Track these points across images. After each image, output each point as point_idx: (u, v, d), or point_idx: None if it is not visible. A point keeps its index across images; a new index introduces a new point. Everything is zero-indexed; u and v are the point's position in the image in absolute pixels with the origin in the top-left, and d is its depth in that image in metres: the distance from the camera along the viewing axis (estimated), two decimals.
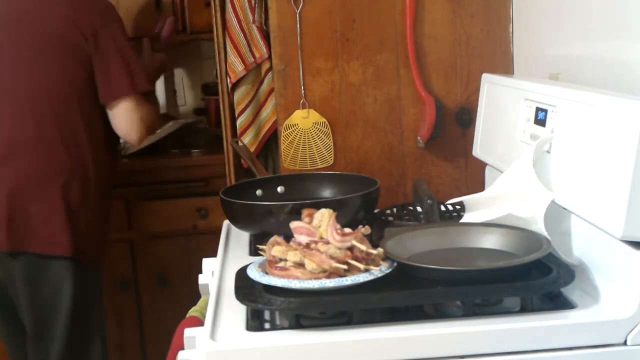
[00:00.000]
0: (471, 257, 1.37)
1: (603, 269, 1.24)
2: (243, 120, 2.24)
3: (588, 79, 1.54)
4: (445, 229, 1.45)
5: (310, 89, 1.98)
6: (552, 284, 1.21)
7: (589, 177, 1.25)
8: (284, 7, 1.95)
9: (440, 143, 2.00)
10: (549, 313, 1.20)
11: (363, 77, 1.98)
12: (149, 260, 2.90)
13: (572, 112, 1.33)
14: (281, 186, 1.85)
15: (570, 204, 1.32)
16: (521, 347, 1.15)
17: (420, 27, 1.97)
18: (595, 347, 1.15)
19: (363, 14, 1.96)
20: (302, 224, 1.31)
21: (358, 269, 1.22)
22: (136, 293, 2.96)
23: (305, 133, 1.99)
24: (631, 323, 1.15)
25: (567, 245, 1.34)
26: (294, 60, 1.97)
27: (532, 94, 1.51)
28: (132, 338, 2.99)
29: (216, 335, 1.18)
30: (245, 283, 1.27)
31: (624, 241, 1.17)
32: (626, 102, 1.16)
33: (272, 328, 1.24)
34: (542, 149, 1.40)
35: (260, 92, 2.25)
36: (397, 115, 2.00)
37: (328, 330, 1.18)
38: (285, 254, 1.24)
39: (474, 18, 1.97)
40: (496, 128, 1.69)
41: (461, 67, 1.99)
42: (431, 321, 1.19)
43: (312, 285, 1.19)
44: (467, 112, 2.01)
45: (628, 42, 1.40)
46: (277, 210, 1.56)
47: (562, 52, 1.67)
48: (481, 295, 1.23)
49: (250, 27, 2.20)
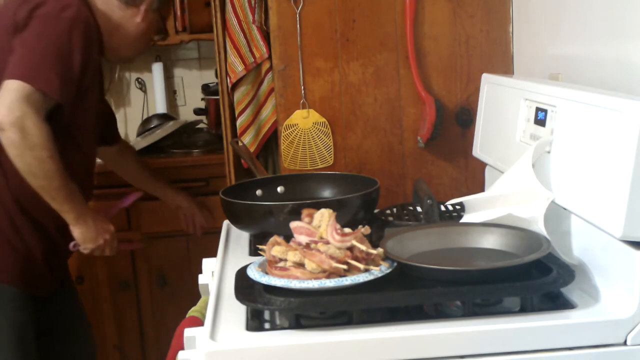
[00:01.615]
0: (471, 257, 1.37)
1: (603, 269, 1.24)
2: (243, 120, 2.24)
3: (588, 79, 1.54)
4: (445, 229, 1.45)
5: (310, 89, 1.98)
6: (552, 284, 1.21)
7: (589, 177, 1.25)
8: (284, 7, 1.95)
9: (440, 143, 2.00)
10: (549, 313, 1.20)
11: (363, 77, 1.98)
12: (149, 260, 2.90)
13: (572, 112, 1.33)
14: (281, 186, 1.85)
15: (570, 204, 1.32)
16: (521, 347, 1.15)
17: (420, 27, 1.97)
18: (595, 347, 1.15)
19: (363, 14, 1.96)
20: (302, 224, 1.31)
21: (358, 269, 1.22)
22: (136, 293, 2.97)
23: (305, 133, 1.99)
24: (631, 323, 1.15)
25: (567, 245, 1.34)
26: (294, 60, 1.97)
27: (532, 94, 1.51)
28: (132, 338, 2.99)
29: (216, 335, 1.18)
30: (245, 283, 1.27)
31: (623, 241, 1.17)
32: (626, 102, 1.16)
33: (272, 328, 1.24)
34: (542, 149, 1.40)
35: (260, 92, 2.25)
36: (397, 115, 2.00)
37: (328, 330, 1.18)
38: (285, 254, 1.24)
39: (474, 18, 1.97)
40: (496, 128, 1.69)
41: (461, 67, 1.99)
42: (431, 321, 1.19)
43: (312, 285, 1.19)
44: (467, 112, 2.01)
45: (628, 42, 1.40)
46: (277, 210, 1.56)
47: (562, 52, 1.67)
48: (481, 295, 1.23)
49: (250, 27, 2.20)
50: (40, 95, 1.76)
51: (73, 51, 1.80)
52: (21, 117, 1.72)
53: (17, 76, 1.74)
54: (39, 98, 1.76)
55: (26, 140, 1.73)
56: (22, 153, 1.75)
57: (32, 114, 1.73)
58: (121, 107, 3.45)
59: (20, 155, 1.75)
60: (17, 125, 1.72)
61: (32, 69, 1.76)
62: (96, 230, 1.93)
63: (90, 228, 1.92)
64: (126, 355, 3.00)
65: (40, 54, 1.78)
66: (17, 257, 1.89)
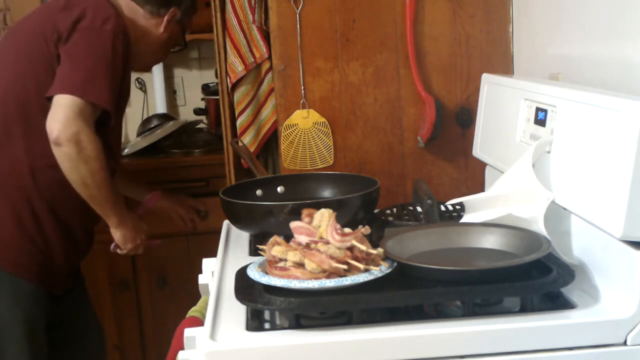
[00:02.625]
0: (471, 257, 1.37)
1: (603, 269, 1.24)
2: (243, 120, 2.24)
3: (588, 79, 1.54)
4: (445, 229, 1.45)
5: (310, 89, 1.98)
6: (552, 284, 1.21)
7: (589, 177, 1.25)
8: (284, 7, 1.95)
9: (440, 143, 2.00)
10: (549, 313, 1.20)
11: (363, 77, 1.98)
12: (149, 260, 2.90)
13: (572, 112, 1.33)
14: (281, 186, 1.85)
15: (570, 204, 1.32)
16: (521, 347, 1.15)
17: (420, 27, 1.97)
18: (595, 347, 1.15)
19: (363, 14, 1.96)
20: (302, 224, 1.31)
21: (358, 269, 1.22)
22: (136, 293, 2.97)
23: (305, 133, 1.99)
24: (631, 323, 1.15)
25: (567, 245, 1.34)
26: (294, 60, 1.97)
27: (532, 94, 1.51)
28: (132, 338, 2.99)
29: (216, 335, 1.18)
30: (245, 283, 1.27)
31: (623, 241, 1.17)
32: (626, 102, 1.16)
33: (272, 328, 1.24)
34: (542, 149, 1.40)
35: (260, 92, 2.25)
36: (397, 115, 2.00)
37: (328, 330, 1.18)
38: (285, 254, 1.24)
39: (474, 18, 1.97)
40: (496, 128, 1.69)
41: (461, 67, 1.99)
42: (431, 321, 1.19)
43: (312, 285, 1.19)
44: (467, 112, 2.01)
45: (628, 42, 1.40)
46: (277, 210, 1.56)
47: (562, 52, 1.67)
48: (481, 295, 1.23)
49: (250, 27, 2.20)
50: (91, 108, 1.81)
51: (117, 62, 1.85)
52: (77, 133, 1.77)
53: (68, 91, 1.79)
54: (90, 111, 1.81)
55: (81, 154, 1.79)
56: (77, 166, 1.80)
57: (86, 128, 1.79)
58: None
59: (75, 167, 1.81)
60: (73, 140, 1.77)
61: (83, 83, 1.80)
62: (135, 231, 2.02)
63: (130, 230, 2.01)
64: (126, 355, 3.00)
65: (88, 67, 1.82)
66: (38, 255, 1.92)
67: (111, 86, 1.84)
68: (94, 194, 1.86)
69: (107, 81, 1.83)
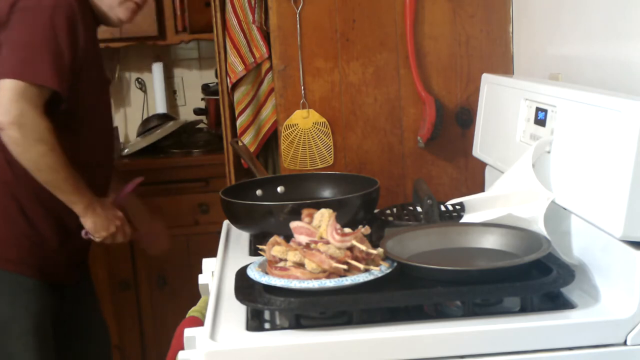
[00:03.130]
0: (471, 257, 1.37)
1: (603, 269, 1.24)
2: (243, 120, 2.24)
3: (588, 79, 1.54)
4: (445, 229, 1.45)
5: (310, 89, 1.98)
6: (552, 284, 1.21)
7: (589, 177, 1.25)
8: (284, 7, 1.95)
9: (440, 143, 2.00)
10: (549, 313, 1.20)
11: (363, 77, 1.98)
12: (149, 260, 2.90)
13: (572, 112, 1.33)
14: (281, 186, 1.85)
15: (570, 204, 1.32)
16: (521, 347, 1.15)
17: (420, 27, 1.97)
18: (595, 347, 1.15)
19: (363, 14, 1.96)
20: (302, 224, 1.31)
21: (358, 269, 1.22)
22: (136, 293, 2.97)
23: (305, 133, 1.99)
24: (631, 323, 1.15)
25: (567, 245, 1.34)
26: (294, 60, 1.97)
27: (532, 94, 1.51)
28: (132, 338, 2.99)
29: (216, 335, 1.18)
30: (245, 283, 1.27)
31: (623, 241, 1.17)
32: (626, 102, 1.16)
33: (272, 328, 1.24)
34: (542, 149, 1.40)
35: (260, 92, 2.25)
36: (397, 115, 2.00)
37: (328, 330, 1.18)
38: (285, 254, 1.24)
39: (474, 18, 1.97)
40: (496, 128, 1.69)
41: (461, 67, 1.99)
42: (431, 321, 1.19)
43: (312, 285, 1.19)
44: (467, 112, 2.01)
45: (628, 42, 1.40)
46: (277, 210, 1.56)
47: (562, 52, 1.67)
48: (481, 295, 1.23)
49: (250, 27, 2.20)
50: (35, 89, 1.76)
51: (59, 37, 1.79)
52: (19, 115, 1.73)
53: (8, 74, 1.75)
54: (34, 92, 1.76)
55: (27, 136, 1.75)
56: (25, 150, 1.77)
57: (30, 110, 1.74)
58: (121, 107, 3.45)
59: (23, 152, 1.77)
60: (16, 123, 1.73)
61: (22, 64, 1.76)
62: (107, 218, 1.94)
63: (101, 217, 1.93)
64: (126, 355, 3.01)
65: (26, 47, 1.78)
66: (34, 248, 1.91)
67: (55, 63, 1.78)
68: (49, 178, 1.81)
69: (49, 59, 1.77)
